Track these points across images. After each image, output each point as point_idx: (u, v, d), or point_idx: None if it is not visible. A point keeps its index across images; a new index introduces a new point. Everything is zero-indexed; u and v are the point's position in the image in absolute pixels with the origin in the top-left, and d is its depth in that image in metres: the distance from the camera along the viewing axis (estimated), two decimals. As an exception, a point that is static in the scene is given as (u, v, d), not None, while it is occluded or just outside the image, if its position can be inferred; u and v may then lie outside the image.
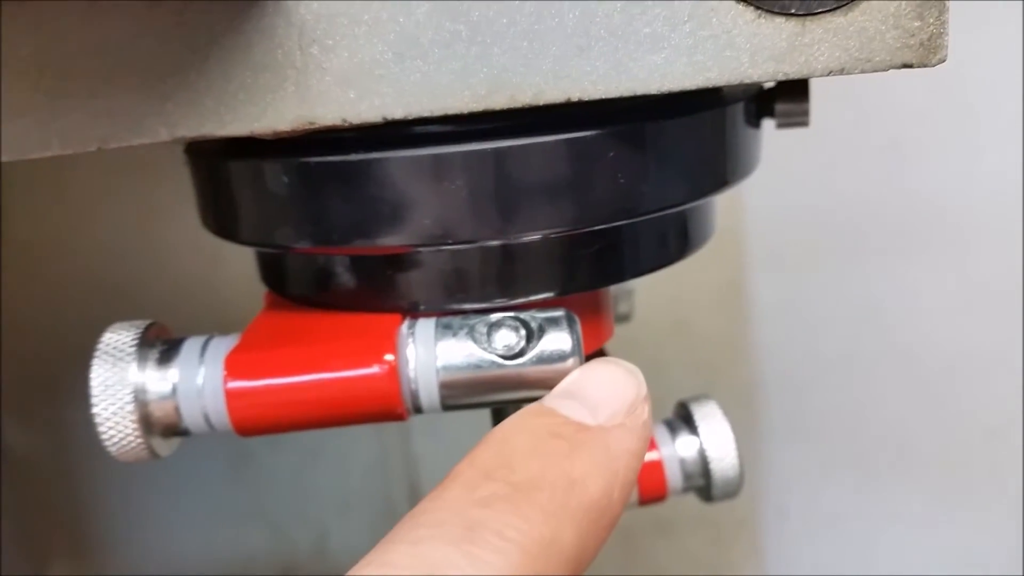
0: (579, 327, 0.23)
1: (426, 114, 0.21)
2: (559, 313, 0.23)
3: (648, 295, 0.46)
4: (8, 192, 0.50)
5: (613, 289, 0.30)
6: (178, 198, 0.28)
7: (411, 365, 0.23)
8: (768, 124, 0.28)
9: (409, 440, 0.61)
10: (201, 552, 0.60)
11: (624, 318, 0.38)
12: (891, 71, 0.22)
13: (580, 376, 0.22)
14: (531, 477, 0.19)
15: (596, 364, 0.22)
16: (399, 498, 0.61)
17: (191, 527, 0.60)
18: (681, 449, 0.29)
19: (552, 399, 0.21)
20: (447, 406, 0.23)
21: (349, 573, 0.17)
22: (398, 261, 0.24)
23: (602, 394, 0.21)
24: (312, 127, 0.21)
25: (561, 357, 0.23)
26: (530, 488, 0.19)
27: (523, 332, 0.23)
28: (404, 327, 0.24)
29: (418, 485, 0.60)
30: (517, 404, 0.27)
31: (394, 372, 0.22)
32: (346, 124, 0.21)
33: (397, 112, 0.21)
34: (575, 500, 0.19)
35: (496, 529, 0.18)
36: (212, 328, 0.25)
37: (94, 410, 0.23)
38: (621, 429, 0.21)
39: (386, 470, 0.61)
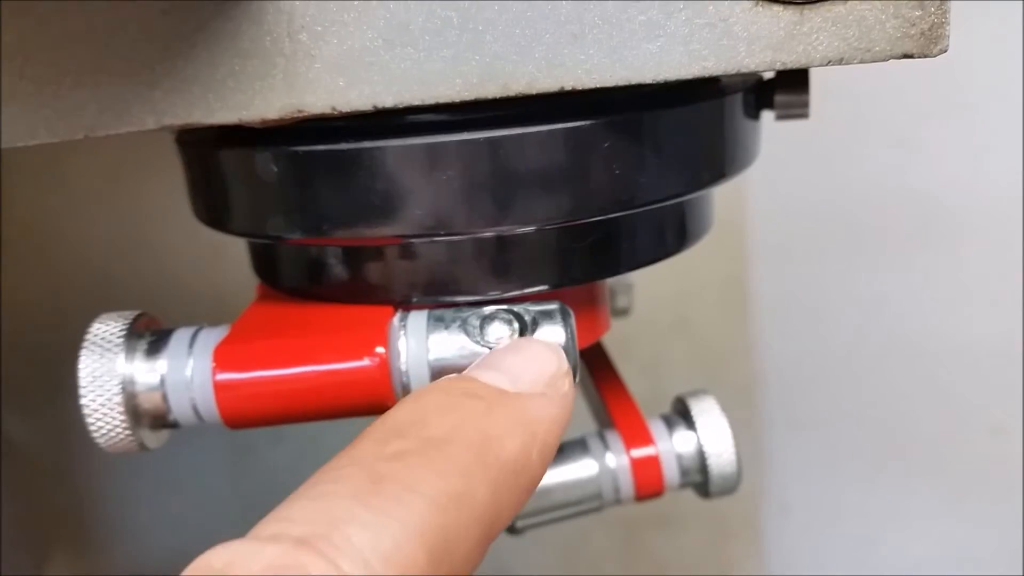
0: (573, 320, 0.23)
1: (417, 102, 0.21)
2: (553, 306, 0.23)
3: (649, 290, 0.45)
4: (7, 183, 0.50)
5: (612, 282, 0.30)
6: (178, 189, 0.27)
7: (402, 358, 0.23)
8: (768, 116, 0.28)
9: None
10: (201, 545, 0.60)
11: (623, 312, 0.37)
12: (891, 61, 0.22)
13: (500, 351, 0.22)
14: (444, 433, 0.18)
15: (516, 341, 0.22)
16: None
17: (192, 520, 0.60)
18: (678, 444, 0.28)
19: (471, 369, 0.21)
20: (439, 400, 0.23)
21: (252, 531, 0.16)
22: (389, 252, 0.24)
23: (522, 366, 0.21)
24: (301, 115, 0.21)
25: None
26: (442, 443, 0.18)
27: (516, 325, 0.23)
28: (396, 319, 0.23)
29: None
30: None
31: (385, 365, 0.22)
32: (336, 112, 0.21)
33: (387, 100, 0.21)
34: (491, 456, 0.18)
35: (404, 482, 0.17)
36: (212, 320, 0.24)
37: (82, 401, 0.22)
38: (541, 397, 0.20)
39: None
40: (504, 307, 0.23)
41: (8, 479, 0.54)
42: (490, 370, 0.21)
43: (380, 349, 0.22)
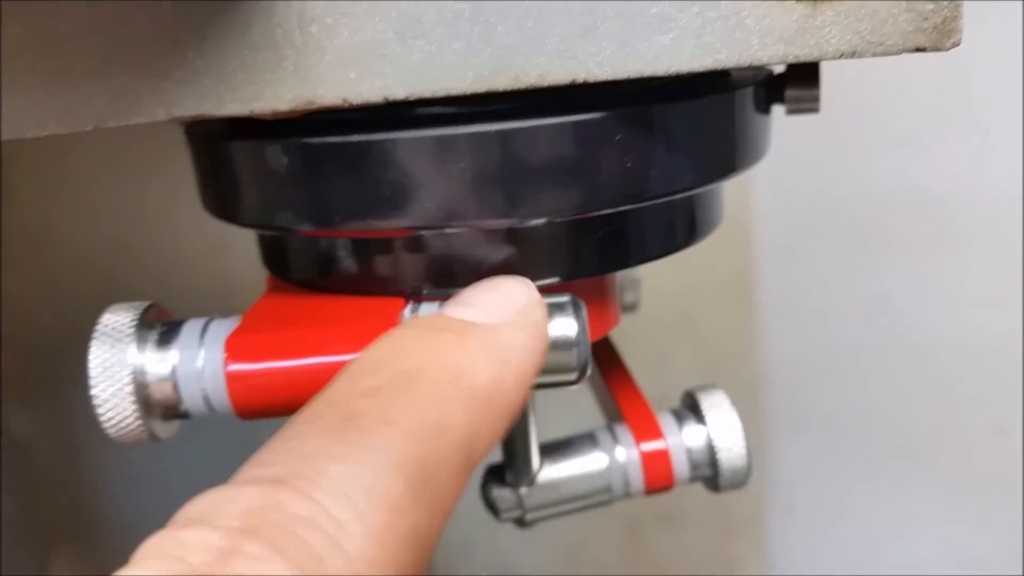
0: (585, 313, 0.23)
1: (428, 95, 0.21)
2: (564, 298, 0.23)
3: (655, 286, 0.45)
4: (10, 177, 0.50)
5: (620, 277, 0.30)
6: (183, 182, 0.27)
7: (413, 350, 0.22)
8: (778, 111, 0.28)
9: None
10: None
11: (631, 308, 0.37)
12: (898, 58, 0.21)
13: (470, 288, 0.22)
14: (416, 365, 0.18)
15: (489, 279, 0.22)
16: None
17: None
18: (688, 439, 0.28)
19: (442, 307, 0.21)
20: (449, 392, 0.23)
21: (230, 479, 0.16)
22: (400, 244, 0.24)
23: (491, 299, 0.21)
24: (312, 107, 0.21)
25: (566, 343, 0.22)
26: (416, 374, 0.18)
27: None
28: (407, 311, 0.23)
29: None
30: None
31: None
32: (347, 104, 0.21)
33: (399, 92, 0.21)
34: (464, 384, 0.18)
35: (379, 416, 0.17)
36: (219, 312, 0.24)
37: (92, 391, 0.22)
38: (511, 325, 0.20)
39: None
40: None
41: (11, 476, 0.54)
42: (460, 305, 0.21)
43: (391, 341, 0.22)
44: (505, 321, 0.20)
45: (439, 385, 0.18)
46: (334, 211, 0.22)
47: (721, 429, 0.28)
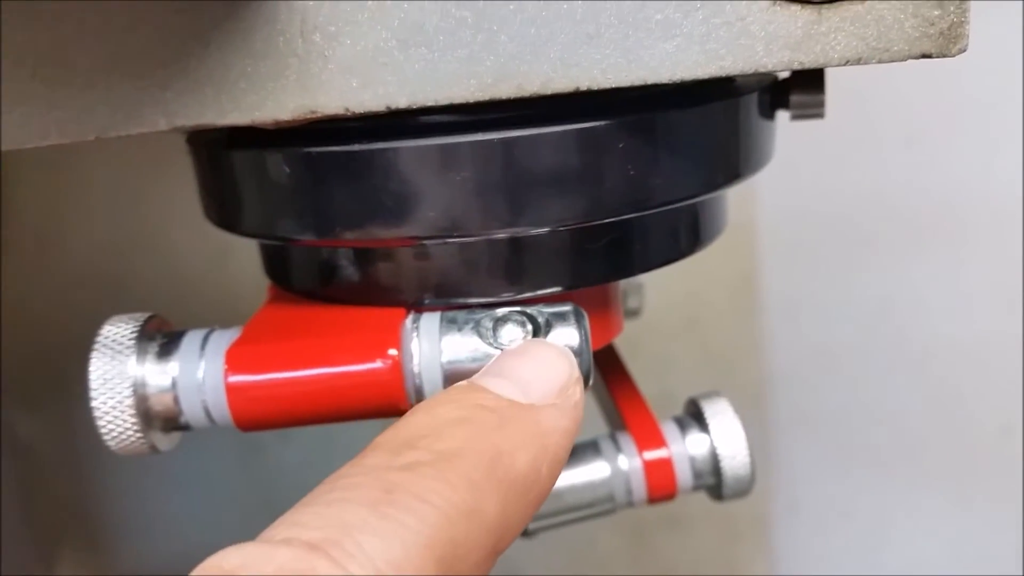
0: (587, 322, 0.23)
1: (431, 103, 0.21)
2: (567, 308, 0.23)
3: (659, 290, 0.45)
4: (13, 183, 0.50)
5: (623, 283, 0.30)
6: (185, 189, 0.27)
7: (415, 360, 0.22)
8: (782, 116, 0.27)
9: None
10: (210, 545, 0.60)
11: (634, 313, 0.37)
12: (909, 61, 0.21)
13: (510, 356, 0.22)
14: (457, 446, 0.18)
15: (527, 345, 0.22)
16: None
17: (200, 520, 0.60)
18: (691, 447, 0.28)
19: (482, 377, 0.21)
20: (452, 402, 0.23)
21: (263, 534, 0.16)
22: (402, 254, 0.24)
23: (533, 374, 0.21)
24: (314, 116, 0.21)
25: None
26: (455, 456, 0.18)
27: (530, 327, 0.23)
28: (408, 321, 0.23)
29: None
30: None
31: (398, 367, 0.22)
32: (349, 113, 0.21)
33: (401, 101, 0.21)
34: (501, 471, 0.18)
35: (416, 493, 0.17)
36: (219, 322, 0.24)
37: (93, 404, 0.22)
38: (553, 408, 0.20)
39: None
40: (517, 309, 0.23)
41: (15, 478, 0.54)
42: (501, 379, 0.21)
43: (393, 351, 0.22)
44: (546, 402, 0.20)
45: (477, 469, 0.18)
46: (336, 220, 0.22)
47: (725, 437, 0.28)
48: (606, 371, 0.31)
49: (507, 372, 0.21)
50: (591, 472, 0.28)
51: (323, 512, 0.17)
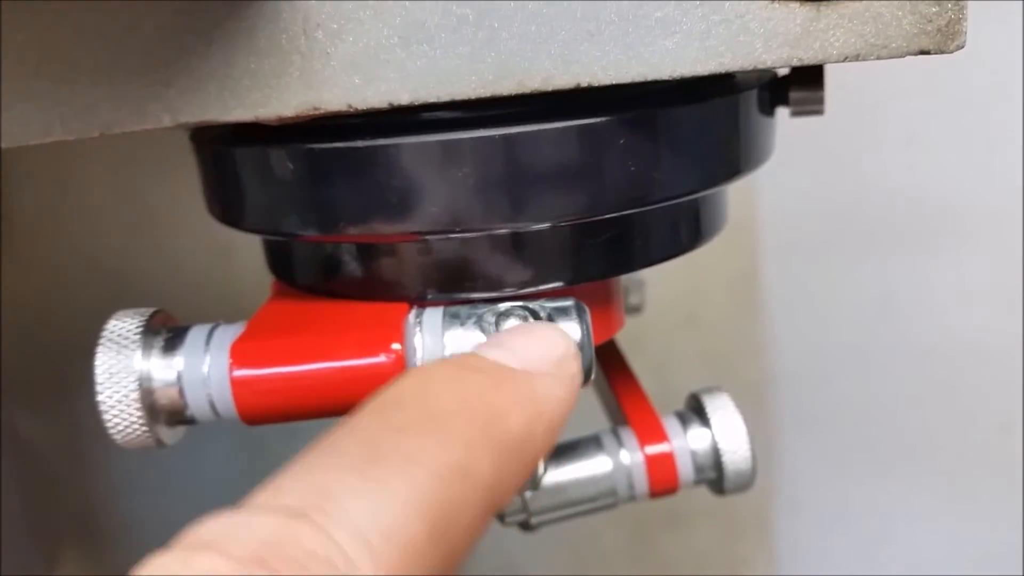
0: (589, 317, 0.23)
1: (433, 100, 0.21)
2: (568, 303, 0.23)
3: (660, 287, 0.45)
4: (15, 179, 0.50)
5: (624, 280, 0.30)
6: (188, 185, 0.27)
7: (418, 354, 0.23)
8: (782, 113, 0.28)
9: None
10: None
11: (636, 310, 0.37)
12: (907, 57, 0.21)
13: (508, 331, 0.22)
14: (449, 405, 0.18)
15: (526, 324, 0.22)
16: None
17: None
18: (693, 441, 0.28)
19: (478, 348, 0.21)
20: (454, 396, 0.23)
21: (244, 501, 0.16)
22: (405, 249, 0.24)
23: (530, 346, 0.21)
24: (317, 113, 0.21)
25: None
26: (446, 415, 0.17)
27: (531, 322, 0.23)
28: (411, 316, 0.23)
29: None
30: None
31: (401, 361, 0.22)
32: (352, 110, 0.21)
33: (403, 98, 0.21)
34: (495, 430, 0.18)
35: (405, 453, 0.16)
36: (223, 318, 0.24)
37: (99, 398, 0.22)
38: (548, 376, 0.20)
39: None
40: (519, 303, 0.23)
41: (16, 477, 0.54)
42: (498, 348, 0.20)
43: (396, 346, 0.22)
44: (542, 371, 0.20)
45: (470, 429, 0.17)
46: (339, 216, 0.22)
47: (726, 432, 0.28)
48: (608, 366, 0.32)
49: (503, 343, 0.21)
50: (593, 466, 0.28)
51: (306, 477, 0.16)
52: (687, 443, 0.28)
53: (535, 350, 0.20)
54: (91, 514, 0.59)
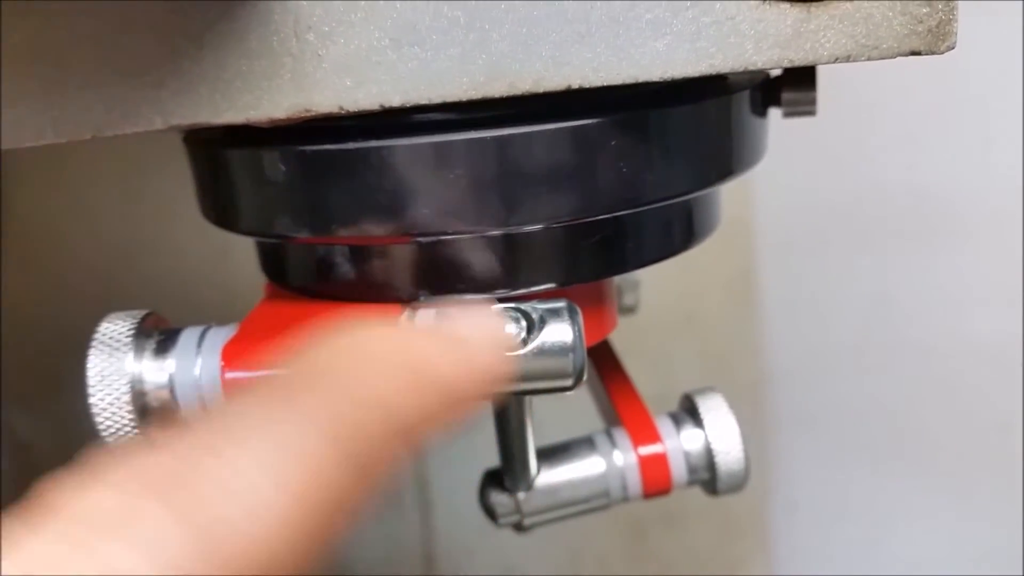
0: (581, 318, 0.23)
1: (424, 102, 0.21)
2: (560, 304, 0.23)
3: (656, 287, 0.45)
4: (11, 181, 0.50)
5: (618, 280, 0.30)
6: (185, 187, 0.27)
7: (410, 356, 0.22)
8: (775, 113, 0.28)
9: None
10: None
11: (630, 310, 0.37)
12: (899, 58, 0.21)
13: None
14: (369, 348, 0.18)
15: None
16: (405, 484, 0.61)
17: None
18: (686, 442, 0.28)
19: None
20: (446, 398, 0.23)
21: None
22: (397, 251, 0.24)
23: (466, 318, 0.20)
24: (309, 115, 0.21)
25: (562, 349, 0.22)
26: (364, 354, 0.17)
27: (524, 323, 0.23)
28: (404, 317, 0.23)
29: (424, 472, 0.60)
30: (519, 398, 0.27)
31: None
32: (343, 112, 0.21)
33: (395, 100, 0.21)
34: (414, 365, 0.18)
35: (316, 385, 0.16)
36: (219, 320, 0.24)
37: (90, 400, 0.22)
38: (475, 335, 0.19)
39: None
40: (511, 305, 0.23)
41: (16, 477, 0.54)
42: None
43: (388, 348, 0.22)
44: (472, 335, 0.19)
45: (385, 360, 0.17)
46: (331, 218, 0.22)
47: (719, 432, 0.28)
48: (601, 367, 0.32)
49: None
50: (586, 467, 0.28)
51: (212, 415, 0.15)
52: (680, 444, 0.28)
53: (472, 321, 0.20)
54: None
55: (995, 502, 0.66)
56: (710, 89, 0.24)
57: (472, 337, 0.19)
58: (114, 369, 0.22)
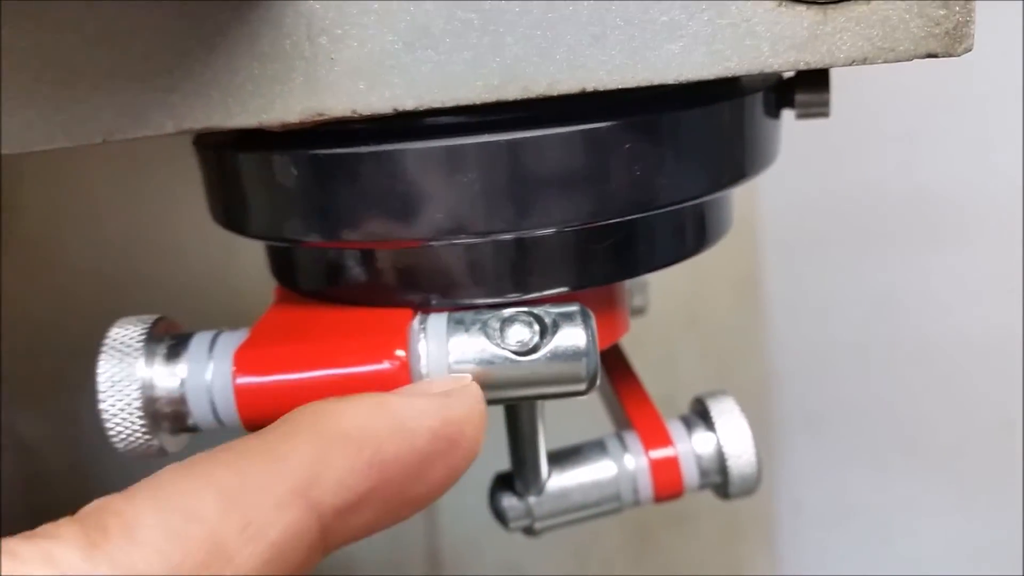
0: (594, 322, 0.23)
1: (437, 105, 0.21)
2: (573, 308, 0.23)
3: (661, 288, 0.45)
4: (15, 182, 0.50)
5: (629, 282, 0.30)
6: (191, 190, 0.27)
7: (423, 361, 0.22)
8: (786, 114, 0.27)
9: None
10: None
11: (639, 311, 0.37)
12: (914, 61, 0.21)
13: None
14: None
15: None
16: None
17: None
18: (698, 446, 0.28)
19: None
20: (459, 403, 0.23)
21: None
22: (409, 255, 0.24)
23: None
24: (321, 119, 0.21)
25: (576, 353, 0.22)
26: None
27: (537, 327, 0.23)
28: (416, 322, 0.23)
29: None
30: (530, 401, 0.26)
31: (405, 368, 0.22)
32: (356, 115, 0.21)
33: (408, 103, 0.21)
34: (328, 423, 0.19)
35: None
36: (224, 323, 0.24)
37: (101, 406, 0.22)
38: (411, 394, 0.21)
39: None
40: (524, 309, 0.23)
41: (16, 478, 0.54)
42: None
43: (400, 352, 0.22)
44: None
45: (296, 419, 0.18)
46: (343, 222, 0.22)
47: (731, 436, 0.28)
48: (612, 370, 0.32)
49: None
50: (597, 471, 0.28)
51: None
52: (692, 447, 0.28)
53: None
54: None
55: (1000, 500, 0.66)
56: (724, 91, 0.24)
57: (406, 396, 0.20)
58: (125, 374, 0.22)
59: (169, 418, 0.23)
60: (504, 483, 0.28)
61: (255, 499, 0.16)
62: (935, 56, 0.21)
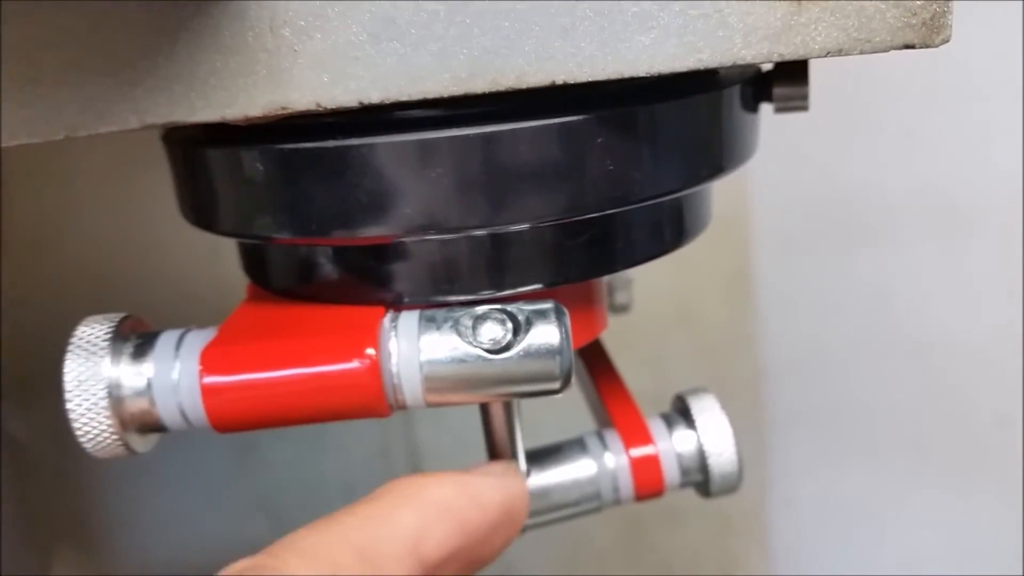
0: (568, 320, 0.22)
1: (404, 98, 0.20)
2: (547, 305, 0.22)
3: (652, 283, 0.45)
4: (10, 183, 0.50)
5: (610, 279, 0.29)
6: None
7: (393, 359, 0.22)
8: (767, 109, 0.27)
9: (412, 429, 0.60)
10: (204, 543, 0.60)
11: (623, 309, 0.37)
12: (892, 52, 0.21)
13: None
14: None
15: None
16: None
17: (194, 518, 0.59)
18: (678, 444, 0.28)
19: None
20: (431, 402, 0.22)
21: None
22: (380, 252, 0.23)
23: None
24: (285, 112, 0.20)
25: (549, 351, 0.22)
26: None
27: (510, 325, 0.22)
28: (387, 320, 0.23)
29: (419, 471, 0.60)
30: (505, 400, 0.26)
31: (375, 367, 0.22)
32: (321, 109, 0.20)
33: (373, 96, 0.20)
34: (424, 493, 0.23)
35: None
36: (214, 321, 0.24)
37: (68, 406, 0.22)
38: (484, 474, 0.25)
39: (389, 460, 0.61)
40: (497, 307, 0.23)
41: (13, 478, 0.53)
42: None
43: (370, 351, 0.22)
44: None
45: (398, 491, 0.22)
46: (311, 218, 0.22)
47: (711, 434, 0.28)
48: (593, 367, 0.31)
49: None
50: (577, 470, 0.28)
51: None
52: (672, 445, 0.28)
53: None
54: (87, 515, 0.58)
55: (993, 499, 0.65)
56: (700, 84, 0.24)
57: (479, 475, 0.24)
58: (91, 374, 0.22)
59: (136, 418, 0.22)
60: (482, 482, 0.28)
61: (383, 556, 0.21)
62: (912, 47, 0.21)
